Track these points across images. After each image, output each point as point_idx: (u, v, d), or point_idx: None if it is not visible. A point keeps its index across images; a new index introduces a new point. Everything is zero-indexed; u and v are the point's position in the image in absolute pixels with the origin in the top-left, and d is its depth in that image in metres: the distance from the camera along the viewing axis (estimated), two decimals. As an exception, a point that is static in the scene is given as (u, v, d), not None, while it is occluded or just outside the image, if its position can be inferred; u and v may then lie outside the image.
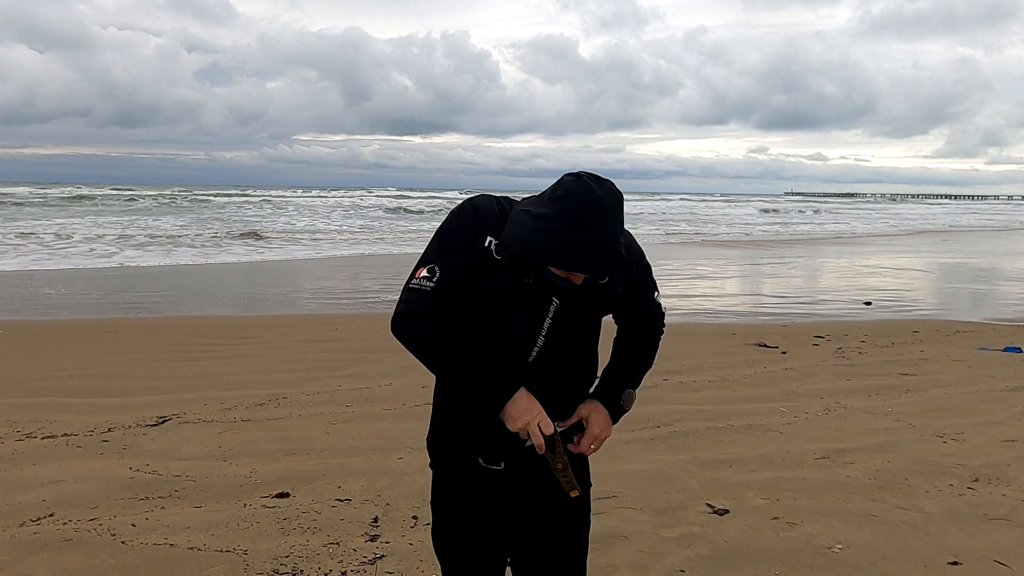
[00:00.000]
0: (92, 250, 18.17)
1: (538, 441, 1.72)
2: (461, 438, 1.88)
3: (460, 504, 1.91)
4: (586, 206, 1.61)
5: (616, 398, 1.91)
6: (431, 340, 1.73)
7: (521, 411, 1.71)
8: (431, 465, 1.97)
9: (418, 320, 1.74)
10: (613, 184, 1.67)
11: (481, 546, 1.93)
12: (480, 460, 1.86)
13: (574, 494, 1.83)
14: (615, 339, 2.03)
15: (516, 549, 1.96)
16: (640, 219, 38.52)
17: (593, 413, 1.88)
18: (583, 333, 1.84)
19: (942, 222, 46.02)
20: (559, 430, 1.80)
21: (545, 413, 1.74)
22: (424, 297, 1.73)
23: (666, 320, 2.06)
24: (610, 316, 1.99)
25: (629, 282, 1.89)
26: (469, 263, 1.72)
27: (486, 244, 1.71)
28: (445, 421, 1.91)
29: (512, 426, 1.73)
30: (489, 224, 1.73)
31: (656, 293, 2.00)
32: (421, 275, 1.75)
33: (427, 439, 1.97)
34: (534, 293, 1.73)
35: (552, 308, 1.75)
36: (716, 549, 3.26)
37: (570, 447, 1.86)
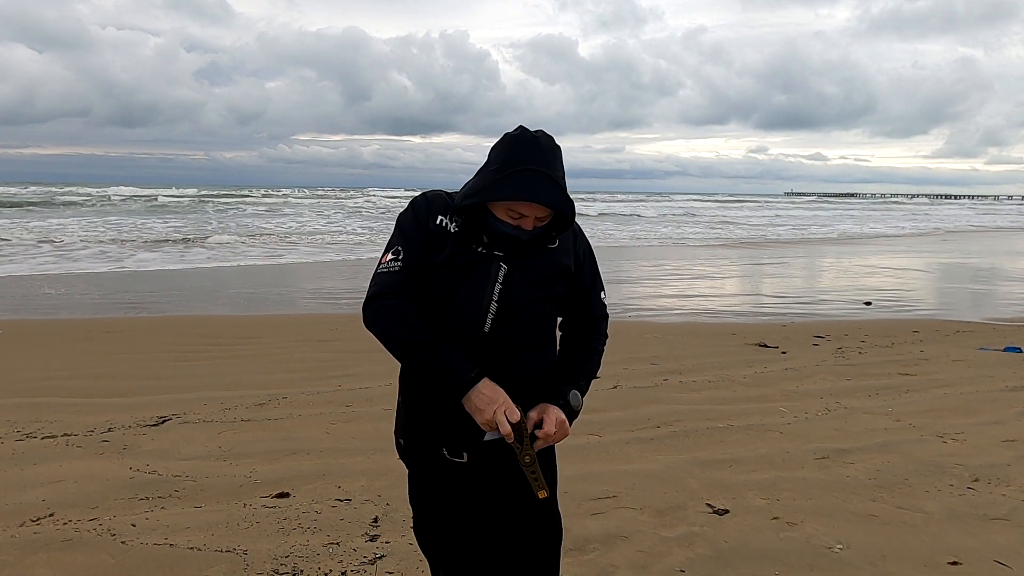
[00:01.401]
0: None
1: (505, 429, 1.74)
2: (425, 430, 1.89)
3: (433, 498, 1.94)
4: (521, 143, 1.78)
5: (566, 399, 1.90)
6: (399, 323, 1.79)
7: (486, 401, 1.74)
8: (401, 459, 1.99)
9: (389, 302, 1.81)
10: (549, 134, 1.84)
11: (461, 538, 1.95)
12: (444, 452, 1.88)
13: (542, 494, 1.81)
14: (560, 342, 2.03)
15: (493, 544, 1.97)
16: (682, 221, 38.16)
17: (548, 409, 1.87)
18: (537, 309, 1.87)
19: (994, 223, 44.98)
20: (524, 416, 1.80)
21: (511, 400, 1.76)
22: (393, 277, 1.82)
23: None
24: None
25: (577, 268, 1.94)
26: (426, 242, 1.83)
27: (437, 222, 1.84)
28: (409, 413, 1.93)
29: (478, 417, 1.76)
30: (438, 207, 1.87)
31: (603, 293, 2.04)
32: (387, 259, 1.86)
33: (394, 431, 1.99)
34: (485, 261, 1.81)
35: (501, 273, 1.81)
36: (716, 549, 3.26)
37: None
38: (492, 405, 1.74)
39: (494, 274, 1.81)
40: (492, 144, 1.86)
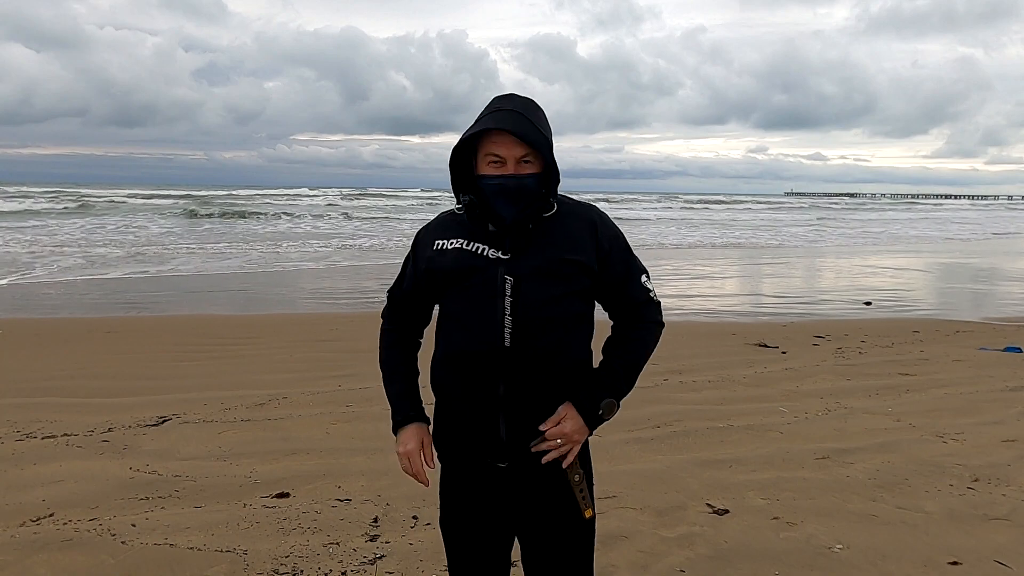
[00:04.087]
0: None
1: (411, 471, 1.93)
2: (464, 436, 1.88)
3: (464, 496, 1.93)
4: (496, 98, 1.88)
5: (593, 406, 1.84)
6: (380, 350, 2.05)
7: (402, 442, 1.94)
8: (438, 458, 1.98)
9: (383, 328, 2.07)
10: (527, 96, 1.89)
11: (484, 538, 1.94)
12: (485, 458, 1.87)
13: (588, 514, 1.81)
14: (605, 340, 1.96)
15: (523, 551, 1.95)
16: (726, 225, 35.99)
17: (568, 415, 1.82)
18: (558, 310, 1.81)
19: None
20: (542, 431, 1.79)
21: (417, 455, 1.93)
22: (388, 308, 2.08)
23: (666, 320, 1.96)
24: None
25: (602, 258, 1.86)
26: (415, 274, 1.95)
27: (435, 247, 1.89)
28: (446, 418, 1.93)
29: (397, 450, 1.95)
30: (435, 232, 1.93)
31: (644, 277, 1.92)
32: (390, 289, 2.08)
33: (431, 432, 1.99)
34: (490, 273, 1.80)
35: (508, 286, 1.78)
36: (716, 549, 3.26)
37: (532, 445, 1.81)
38: (400, 447, 1.94)
39: (500, 287, 1.78)
40: None
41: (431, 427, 1.99)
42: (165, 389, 5.98)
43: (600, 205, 2.12)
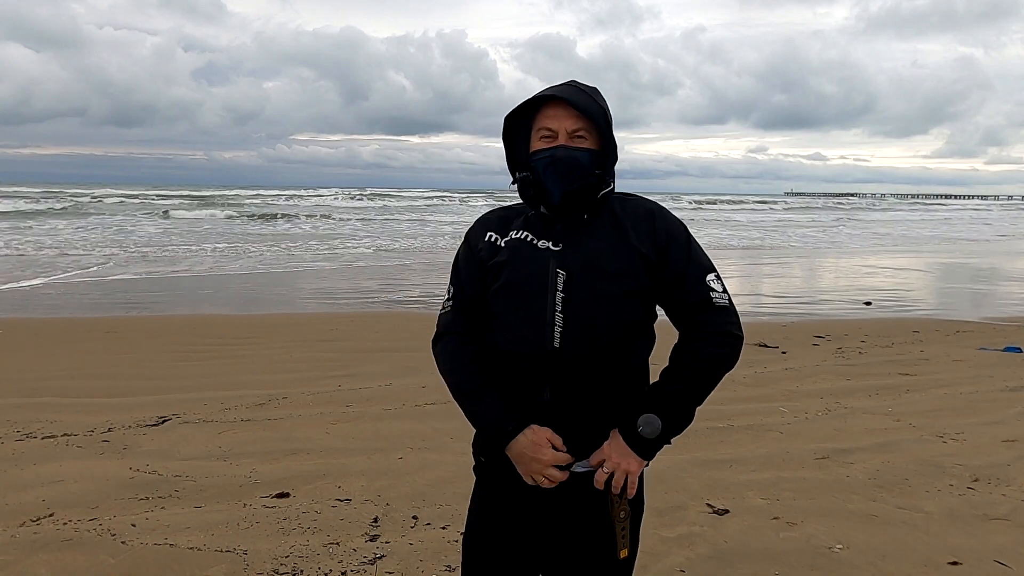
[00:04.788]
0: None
1: (546, 484, 1.66)
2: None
3: (496, 514, 1.79)
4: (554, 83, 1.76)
5: (631, 424, 1.66)
6: (452, 368, 1.76)
7: (526, 459, 1.65)
8: (474, 470, 1.85)
9: (447, 344, 1.78)
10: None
11: (508, 564, 1.78)
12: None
13: (623, 554, 1.68)
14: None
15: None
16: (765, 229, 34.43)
17: (611, 443, 1.68)
18: (612, 309, 1.65)
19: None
20: (579, 470, 1.65)
21: (554, 456, 1.64)
22: (448, 317, 1.80)
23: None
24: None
25: (660, 252, 1.68)
26: (476, 271, 1.77)
27: (487, 239, 1.76)
28: None
29: (521, 471, 1.67)
30: (489, 225, 1.80)
31: (711, 277, 1.70)
32: (445, 300, 1.83)
33: (472, 444, 1.84)
34: (540, 265, 1.68)
35: (560, 280, 1.65)
36: (716, 549, 3.26)
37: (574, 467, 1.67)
38: (532, 464, 1.64)
39: (552, 282, 1.65)
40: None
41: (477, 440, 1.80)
42: (165, 389, 5.98)
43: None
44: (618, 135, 1.74)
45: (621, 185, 1.76)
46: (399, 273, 15.31)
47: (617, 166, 1.75)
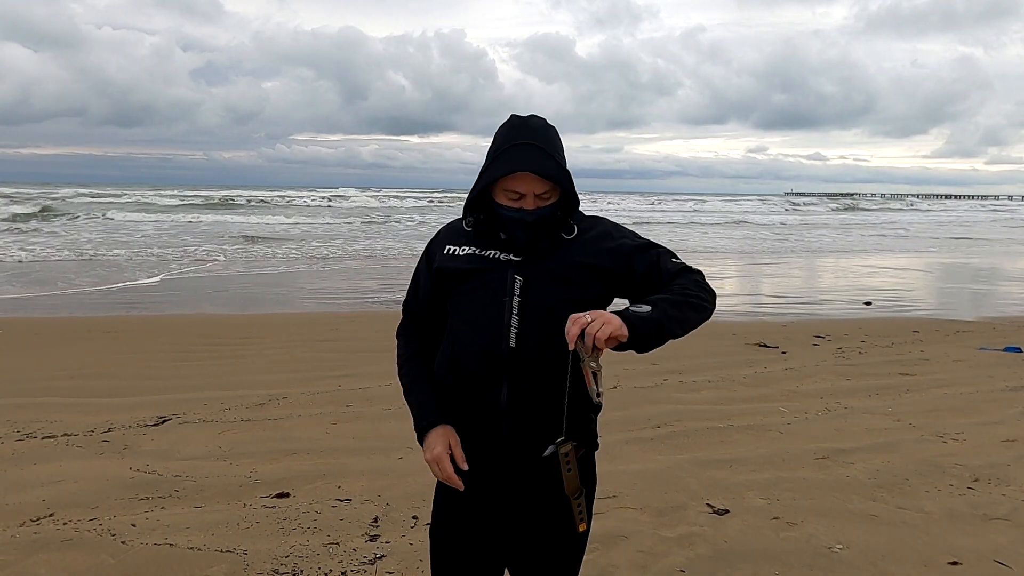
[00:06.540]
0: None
1: (439, 476, 1.81)
2: (463, 436, 1.84)
3: (458, 503, 1.87)
4: (512, 126, 1.80)
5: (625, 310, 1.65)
6: (399, 365, 1.98)
7: (428, 447, 1.83)
8: None
9: (398, 341, 2.00)
10: (541, 117, 1.84)
11: (473, 550, 1.89)
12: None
13: (582, 528, 1.74)
14: None
15: (510, 563, 1.91)
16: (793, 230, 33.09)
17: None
18: (563, 314, 1.64)
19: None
20: (548, 453, 1.67)
21: (446, 458, 1.79)
22: (402, 319, 2.01)
23: None
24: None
25: (622, 261, 1.77)
26: (429, 281, 1.91)
27: (445, 252, 1.87)
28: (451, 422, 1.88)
29: (425, 456, 1.84)
30: (446, 238, 1.90)
31: (674, 259, 1.80)
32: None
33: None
34: (499, 273, 1.77)
35: (517, 285, 1.75)
36: (716, 549, 3.26)
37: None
38: (429, 451, 1.81)
39: (510, 286, 1.75)
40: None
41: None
42: (165, 389, 5.98)
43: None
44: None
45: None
46: (399, 273, 15.30)
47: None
